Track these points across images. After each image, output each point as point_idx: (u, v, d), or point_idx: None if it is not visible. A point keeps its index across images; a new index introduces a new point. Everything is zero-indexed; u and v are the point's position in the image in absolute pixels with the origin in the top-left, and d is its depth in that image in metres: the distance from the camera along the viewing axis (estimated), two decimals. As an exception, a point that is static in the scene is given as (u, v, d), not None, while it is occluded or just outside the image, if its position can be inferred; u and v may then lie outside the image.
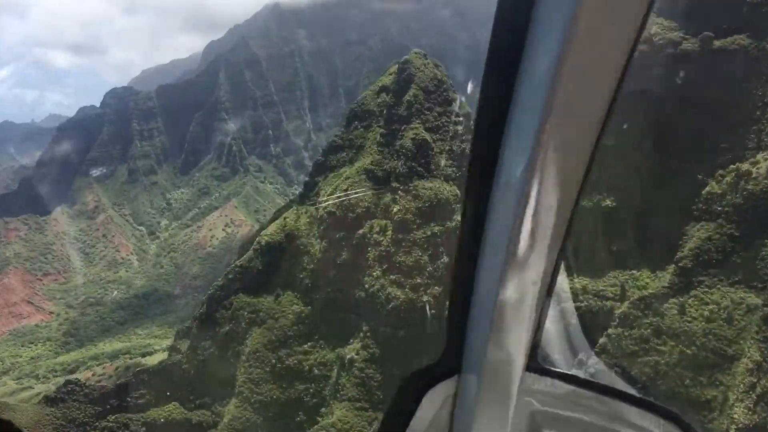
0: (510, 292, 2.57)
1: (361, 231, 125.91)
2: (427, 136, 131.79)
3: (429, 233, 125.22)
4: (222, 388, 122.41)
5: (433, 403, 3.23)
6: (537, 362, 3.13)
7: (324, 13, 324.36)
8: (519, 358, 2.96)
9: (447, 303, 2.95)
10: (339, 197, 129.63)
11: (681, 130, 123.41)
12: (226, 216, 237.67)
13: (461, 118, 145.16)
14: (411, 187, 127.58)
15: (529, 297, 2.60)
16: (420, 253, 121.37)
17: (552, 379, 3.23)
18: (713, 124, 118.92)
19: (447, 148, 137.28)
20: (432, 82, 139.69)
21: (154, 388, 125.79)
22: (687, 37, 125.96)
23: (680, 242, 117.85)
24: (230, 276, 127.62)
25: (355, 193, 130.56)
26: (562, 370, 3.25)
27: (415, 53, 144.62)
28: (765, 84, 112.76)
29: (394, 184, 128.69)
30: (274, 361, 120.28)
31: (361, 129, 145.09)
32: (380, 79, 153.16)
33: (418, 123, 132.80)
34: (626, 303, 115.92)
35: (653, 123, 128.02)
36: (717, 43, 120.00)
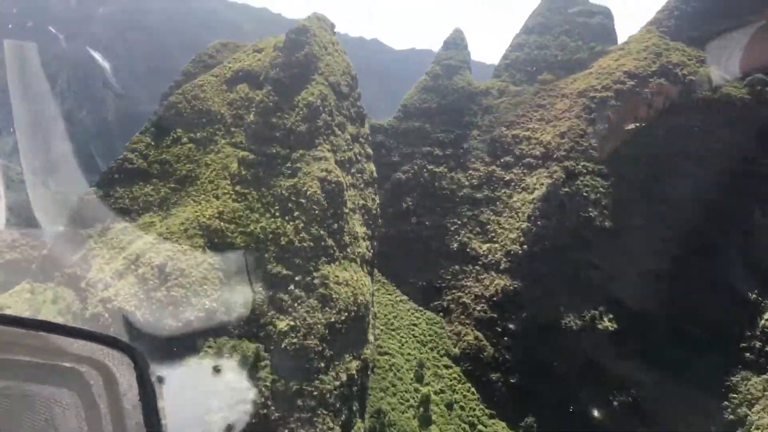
0: None
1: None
2: (342, 177, 73.71)
3: (339, 383, 66.53)
4: None
5: None
6: None
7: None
8: None
9: None
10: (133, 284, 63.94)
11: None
12: None
13: (372, 151, 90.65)
14: (313, 279, 67.50)
15: None
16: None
17: None
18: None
19: (361, 202, 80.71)
20: (345, 77, 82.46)
21: None
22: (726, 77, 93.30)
23: None
24: None
25: (182, 278, 66.19)
26: None
27: (318, 17, 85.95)
28: None
29: (276, 269, 67.30)
30: None
31: (190, 145, 79.87)
32: (240, 53, 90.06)
33: (327, 149, 73.92)
34: None
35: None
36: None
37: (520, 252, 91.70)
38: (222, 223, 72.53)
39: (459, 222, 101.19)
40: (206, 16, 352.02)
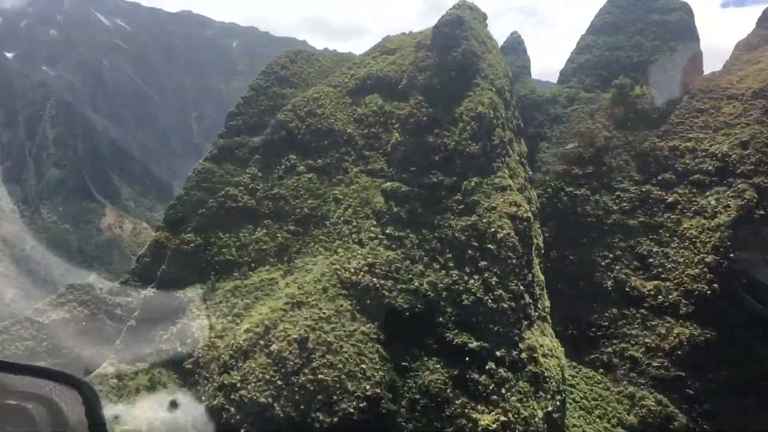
0: None
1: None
2: (529, 211, 57.32)
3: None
4: None
5: None
6: None
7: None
8: None
9: None
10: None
11: None
12: None
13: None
14: (520, 352, 50.89)
15: None
16: None
17: None
18: None
19: (535, 240, 64.10)
20: (505, 80, 66.42)
21: None
22: None
23: None
24: None
25: (330, 355, 49.94)
26: None
27: (469, 6, 69.88)
28: None
29: (460, 339, 50.63)
30: None
31: (310, 175, 63.82)
32: (363, 56, 74.21)
33: (507, 174, 57.60)
34: None
35: None
36: None
37: (708, 292, 74.87)
38: (374, 279, 55.75)
39: (611, 255, 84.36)
40: (194, 37, 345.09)
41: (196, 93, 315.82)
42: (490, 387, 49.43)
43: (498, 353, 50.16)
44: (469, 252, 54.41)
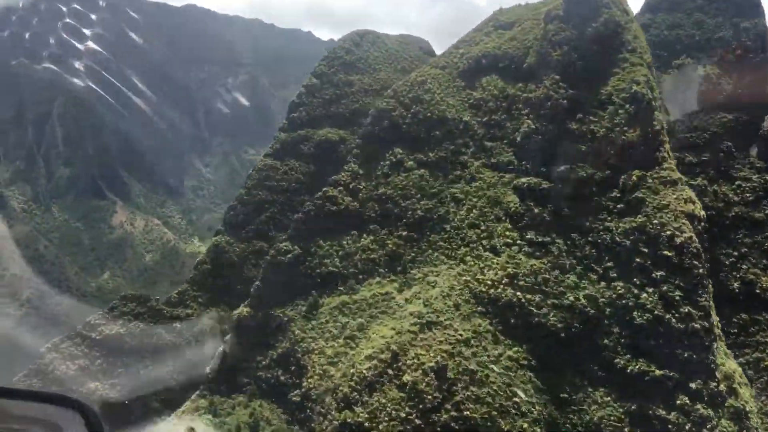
0: None
1: None
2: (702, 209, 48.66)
3: None
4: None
5: None
6: None
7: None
8: None
9: None
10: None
11: None
12: None
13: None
14: (718, 384, 41.79)
15: None
16: None
17: None
18: None
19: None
20: (651, 54, 57.58)
21: None
22: None
23: None
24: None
25: (474, 386, 40.62)
26: None
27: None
28: None
29: (638, 366, 41.82)
30: None
31: (421, 171, 55.46)
32: (473, 32, 65.49)
33: (673, 165, 48.69)
34: None
35: None
36: None
37: None
38: (517, 293, 47.04)
39: (735, 253, 75.25)
40: (199, 30, 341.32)
41: (203, 87, 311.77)
42: (686, 427, 40.60)
43: (693, 385, 41.30)
44: (638, 260, 45.54)
